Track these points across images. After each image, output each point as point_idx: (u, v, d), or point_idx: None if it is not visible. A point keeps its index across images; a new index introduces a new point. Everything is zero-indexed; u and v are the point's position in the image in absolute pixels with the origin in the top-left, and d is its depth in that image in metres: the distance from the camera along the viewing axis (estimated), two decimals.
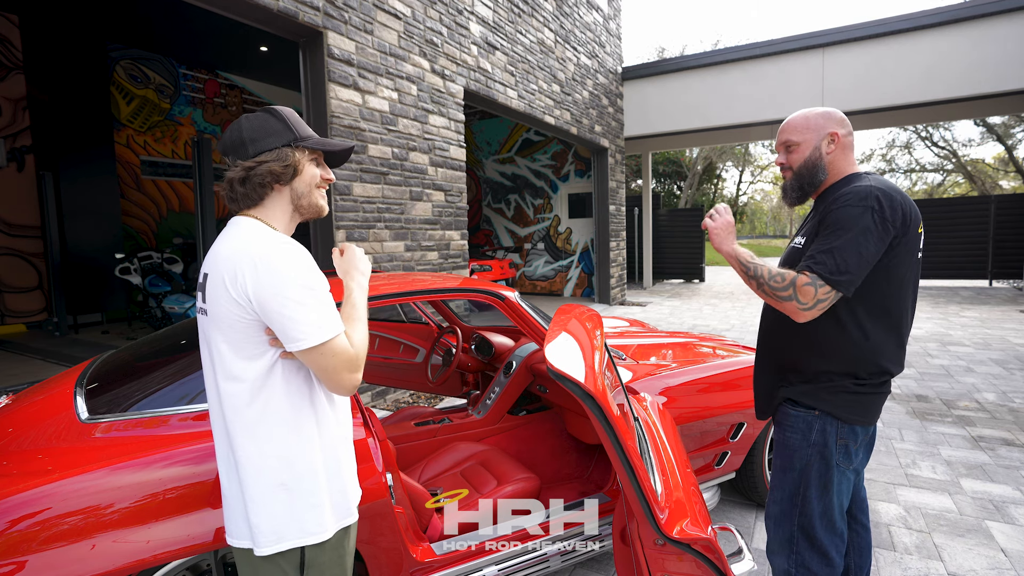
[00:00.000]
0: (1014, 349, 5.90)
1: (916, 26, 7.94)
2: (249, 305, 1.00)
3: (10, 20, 7.15)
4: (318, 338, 1.00)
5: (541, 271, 11.44)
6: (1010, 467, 3.05)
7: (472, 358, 2.96)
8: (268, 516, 1.04)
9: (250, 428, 1.04)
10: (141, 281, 7.13)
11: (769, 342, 1.64)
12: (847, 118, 1.56)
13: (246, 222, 1.09)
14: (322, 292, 1.03)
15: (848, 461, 1.48)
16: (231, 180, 1.09)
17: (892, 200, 1.35)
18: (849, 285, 1.33)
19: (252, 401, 1.04)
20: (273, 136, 1.10)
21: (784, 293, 1.38)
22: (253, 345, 1.04)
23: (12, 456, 1.40)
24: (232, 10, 3.39)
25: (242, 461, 1.05)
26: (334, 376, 1.04)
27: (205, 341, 1.10)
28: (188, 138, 8.97)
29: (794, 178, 1.56)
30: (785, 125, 1.59)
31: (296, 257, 1.02)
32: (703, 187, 31.03)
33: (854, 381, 1.43)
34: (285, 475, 1.05)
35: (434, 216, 4.95)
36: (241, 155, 1.09)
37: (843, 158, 1.53)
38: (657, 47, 36.95)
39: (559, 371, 1.22)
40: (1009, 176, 27.98)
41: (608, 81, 9.43)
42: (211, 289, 1.04)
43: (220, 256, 1.04)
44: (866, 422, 1.48)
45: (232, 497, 1.08)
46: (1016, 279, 11.36)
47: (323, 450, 1.10)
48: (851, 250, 1.33)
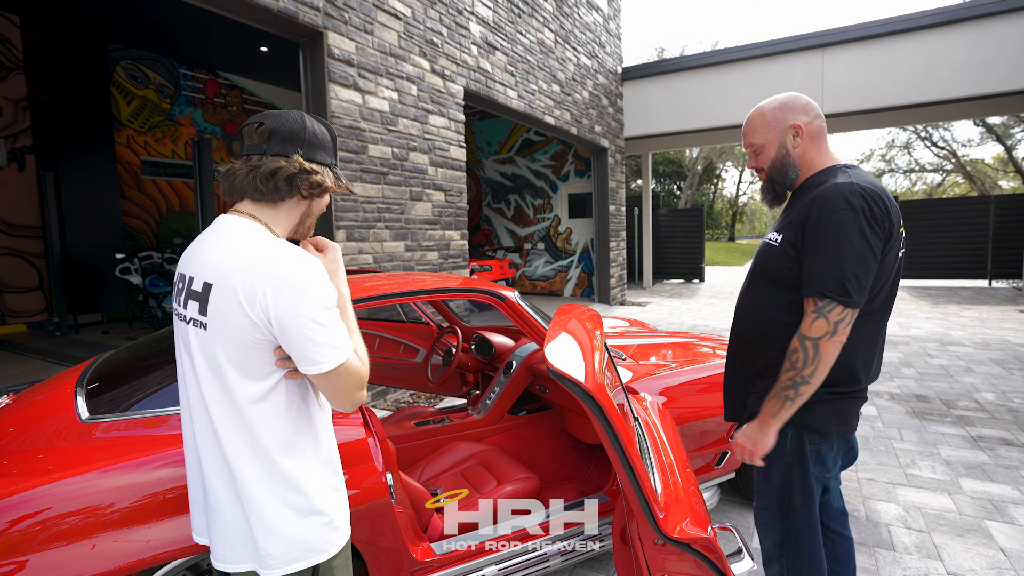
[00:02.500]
0: (1014, 349, 5.90)
1: (916, 26, 7.94)
2: (267, 327, 0.94)
3: (10, 20, 7.15)
4: (337, 360, 0.96)
5: (541, 271, 11.44)
6: (1009, 467, 3.05)
7: (472, 358, 2.96)
8: (278, 539, 1.00)
9: (253, 449, 0.99)
10: (141, 281, 7.13)
11: (738, 343, 1.54)
12: (811, 101, 1.43)
13: (248, 225, 1.02)
14: (336, 311, 0.99)
15: (823, 469, 1.40)
16: (274, 170, 1.01)
17: (877, 198, 1.25)
18: (860, 299, 1.24)
19: (257, 421, 0.98)
20: (326, 152, 1.08)
21: (812, 356, 1.25)
22: (260, 365, 0.98)
23: (12, 456, 1.41)
24: (232, 10, 3.39)
25: (247, 484, 0.99)
26: (346, 395, 1.01)
27: (196, 355, 1.01)
28: (188, 138, 8.97)
29: (767, 180, 1.47)
30: (745, 126, 1.48)
31: (319, 276, 0.97)
32: (703, 187, 31.03)
33: (825, 389, 1.33)
34: (293, 496, 1.01)
35: (434, 216, 4.95)
36: (289, 150, 1.02)
37: (814, 148, 1.41)
38: (657, 47, 36.97)
39: (559, 371, 1.22)
40: (1008, 176, 27.98)
41: (608, 81, 9.43)
42: (218, 303, 0.95)
43: (229, 269, 0.96)
44: (840, 431, 1.39)
45: (230, 522, 1.01)
46: (1016, 279, 11.36)
47: (325, 466, 1.07)
48: (854, 259, 1.22)
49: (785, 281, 1.36)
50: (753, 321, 1.46)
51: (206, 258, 1.00)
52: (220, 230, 1.02)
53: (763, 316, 1.43)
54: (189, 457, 1.09)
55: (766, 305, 1.42)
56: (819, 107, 1.43)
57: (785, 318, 1.36)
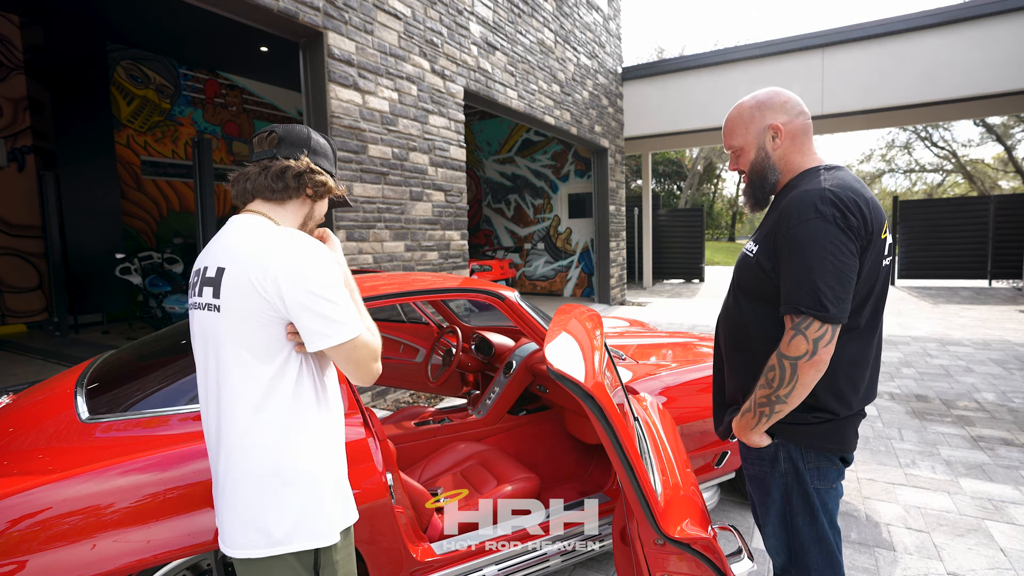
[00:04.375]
0: (1014, 349, 5.90)
1: (916, 26, 7.94)
2: (281, 303, 1.00)
3: (10, 20, 7.15)
4: (348, 333, 1.03)
5: (541, 271, 11.44)
6: (1009, 467, 3.05)
7: (472, 358, 2.96)
8: (280, 518, 1.03)
9: (262, 429, 1.03)
10: (141, 281, 7.13)
11: (722, 359, 1.45)
12: (792, 98, 1.32)
13: (261, 222, 1.09)
14: (344, 289, 1.07)
15: (825, 481, 1.31)
16: (284, 168, 1.10)
17: (851, 203, 1.15)
18: (841, 313, 1.14)
19: (264, 402, 1.03)
20: (327, 161, 1.20)
21: (788, 376, 1.18)
22: (270, 344, 1.03)
23: (12, 456, 1.41)
24: (232, 10, 3.39)
25: (253, 464, 1.03)
26: (363, 367, 1.08)
27: (210, 340, 1.07)
28: (188, 138, 8.97)
29: (748, 184, 1.38)
30: (724, 126, 1.40)
31: (326, 256, 1.05)
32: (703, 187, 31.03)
33: (814, 414, 1.26)
34: (297, 476, 1.05)
35: (434, 216, 4.95)
36: (297, 152, 1.13)
37: (795, 150, 1.31)
38: (657, 47, 37.00)
39: (559, 371, 1.22)
40: (1008, 176, 27.99)
41: (608, 81, 9.43)
42: (231, 285, 1.02)
43: (241, 252, 1.03)
44: (837, 450, 1.30)
45: (239, 504, 1.05)
46: (1016, 279, 11.36)
47: (330, 448, 1.11)
48: (826, 271, 1.13)
49: (763, 296, 1.29)
50: (737, 337, 1.38)
51: (220, 248, 1.08)
52: (232, 227, 1.10)
53: (745, 333, 1.35)
54: (211, 449, 1.12)
55: (747, 321, 1.34)
56: (802, 104, 1.33)
57: (770, 332, 1.26)
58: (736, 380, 1.39)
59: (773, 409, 1.23)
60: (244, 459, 1.04)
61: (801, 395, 1.20)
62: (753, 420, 1.27)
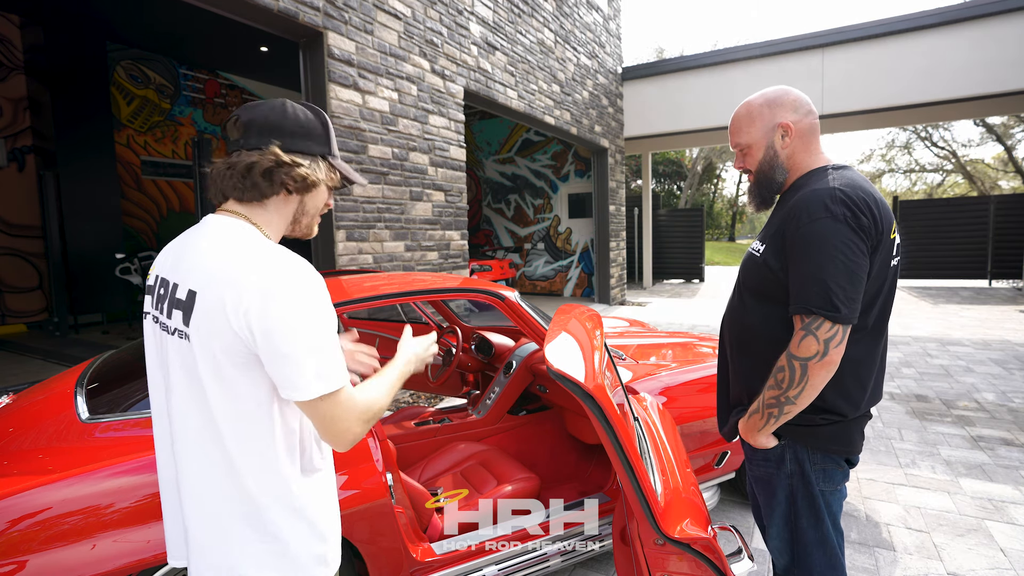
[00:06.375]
0: (1014, 349, 5.90)
1: (916, 26, 7.94)
2: (251, 340, 0.82)
3: (10, 20, 7.15)
4: (319, 390, 0.83)
5: (541, 271, 11.44)
6: (1009, 467, 3.05)
7: (472, 358, 2.96)
8: (257, 568, 0.90)
9: (230, 473, 0.88)
10: (142, 281, 7.13)
11: (727, 359, 1.44)
12: (801, 96, 1.31)
13: (237, 226, 0.91)
14: (334, 333, 0.87)
15: (831, 483, 1.30)
16: (249, 166, 0.89)
17: (862, 203, 1.14)
18: (852, 313, 1.13)
19: (234, 441, 0.87)
20: (313, 141, 0.96)
21: (798, 378, 1.17)
22: (248, 382, 0.86)
23: (12, 456, 1.41)
24: (232, 10, 3.39)
25: (231, 506, 0.89)
26: (332, 426, 0.86)
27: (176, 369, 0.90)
28: (188, 138, 8.97)
29: (754, 183, 1.37)
30: (731, 124, 1.38)
31: (314, 287, 0.85)
32: (703, 187, 31.04)
33: (821, 416, 1.25)
34: (280, 520, 0.91)
35: (434, 216, 4.95)
36: (265, 141, 0.91)
37: (803, 149, 1.30)
38: (656, 47, 37.01)
39: (559, 371, 1.22)
40: (1008, 176, 27.99)
41: (608, 81, 9.43)
42: (203, 313, 0.84)
43: (214, 274, 0.84)
44: (843, 452, 1.29)
45: (208, 546, 0.91)
46: (1016, 279, 11.36)
47: (314, 498, 0.96)
48: (838, 270, 1.12)
49: (770, 296, 1.27)
50: (743, 338, 1.37)
51: (192, 263, 0.88)
52: (204, 232, 0.91)
53: (752, 333, 1.34)
54: (163, 474, 0.99)
55: (754, 321, 1.33)
56: (810, 103, 1.33)
57: (777, 333, 1.26)
58: (741, 381, 1.38)
59: (782, 410, 1.22)
60: (223, 500, 0.90)
61: (811, 396, 1.19)
62: (761, 421, 1.26)
